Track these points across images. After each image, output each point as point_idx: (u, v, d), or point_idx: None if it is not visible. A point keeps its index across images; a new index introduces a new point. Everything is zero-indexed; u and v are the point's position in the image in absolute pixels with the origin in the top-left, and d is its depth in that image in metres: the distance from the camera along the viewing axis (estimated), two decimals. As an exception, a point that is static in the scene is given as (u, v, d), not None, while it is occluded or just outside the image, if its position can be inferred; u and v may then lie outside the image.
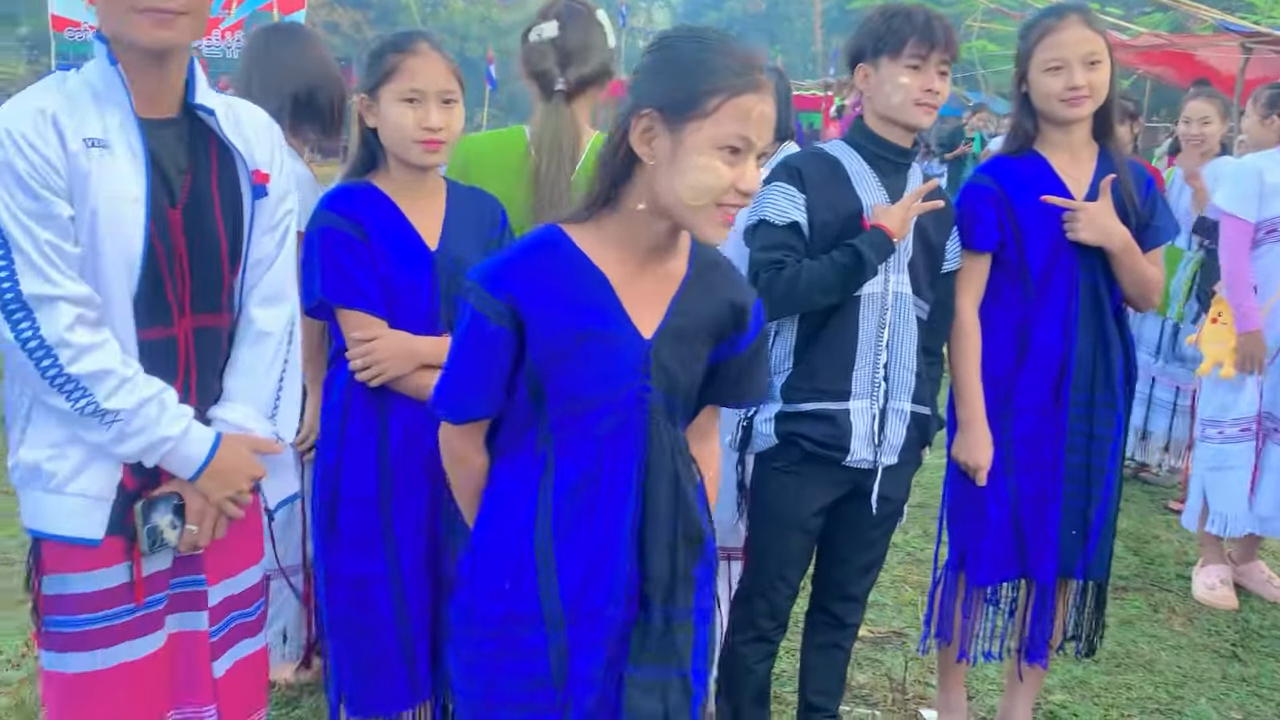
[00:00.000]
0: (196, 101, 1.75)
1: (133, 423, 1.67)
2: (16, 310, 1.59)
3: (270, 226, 1.87)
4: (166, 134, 1.73)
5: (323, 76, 2.70)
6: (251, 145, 1.83)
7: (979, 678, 3.18)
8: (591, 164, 2.33)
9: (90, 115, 1.65)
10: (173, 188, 1.73)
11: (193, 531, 1.78)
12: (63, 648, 1.73)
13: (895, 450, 2.38)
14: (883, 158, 2.34)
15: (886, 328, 2.33)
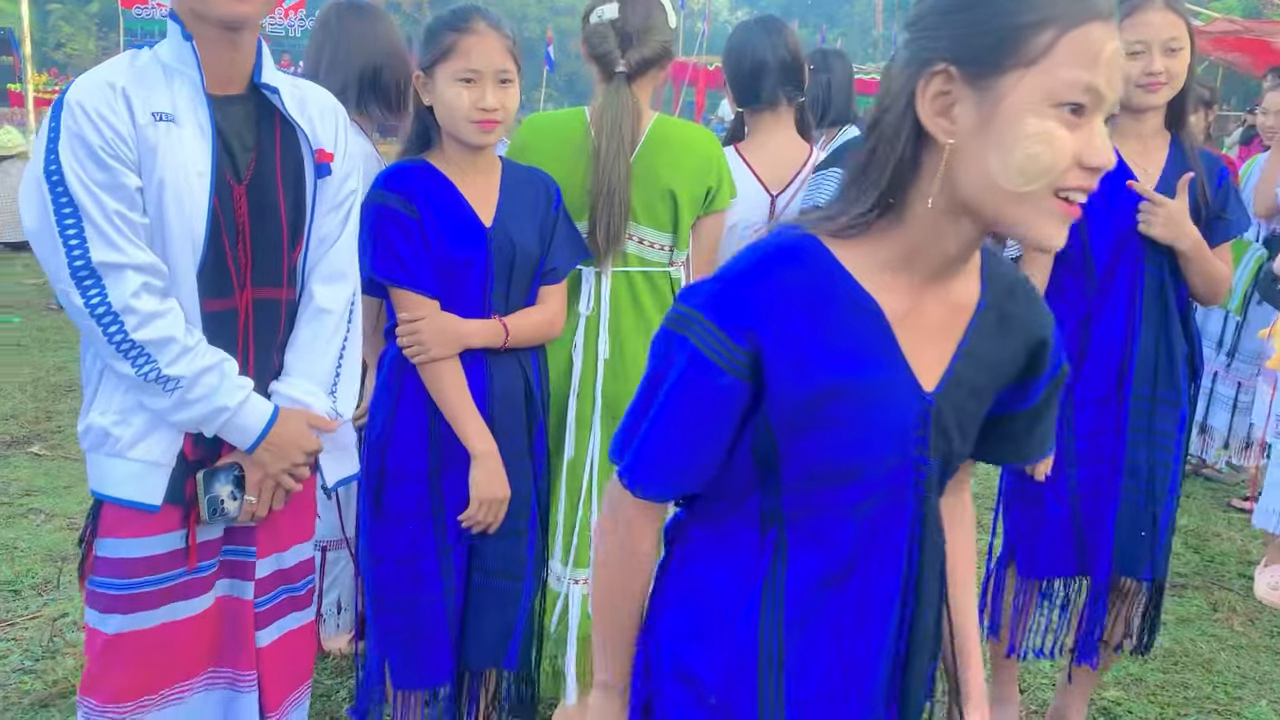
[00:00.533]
0: (262, 80, 1.78)
1: (193, 390, 1.70)
2: (87, 277, 1.64)
3: (334, 205, 1.90)
4: (234, 111, 1.76)
5: (390, 55, 2.71)
6: (315, 125, 1.86)
7: (1031, 671, 3.14)
8: (652, 146, 2.36)
9: (159, 90, 1.69)
10: (238, 164, 1.76)
11: (251, 502, 1.82)
12: (107, 609, 1.78)
13: None
14: None
15: None
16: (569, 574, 2.50)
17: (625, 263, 2.39)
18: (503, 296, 2.14)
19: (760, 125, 2.64)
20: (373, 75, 2.68)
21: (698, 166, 2.38)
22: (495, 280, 2.13)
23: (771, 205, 2.57)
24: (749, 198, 2.52)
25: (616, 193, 2.29)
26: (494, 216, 2.14)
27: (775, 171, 2.58)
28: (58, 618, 3.13)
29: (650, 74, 2.39)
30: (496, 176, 2.19)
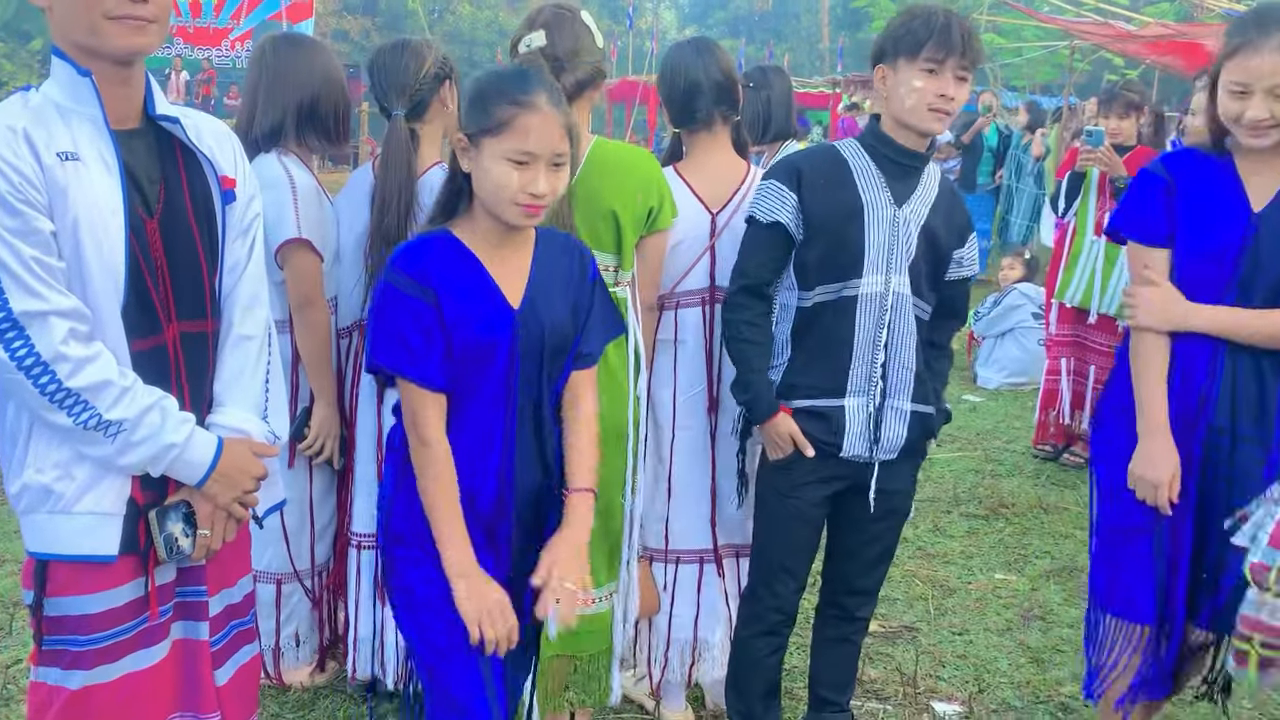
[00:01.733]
0: (158, 112, 1.76)
1: (136, 432, 1.68)
2: (9, 329, 1.59)
3: (241, 231, 1.89)
4: (136, 145, 1.74)
5: (326, 84, 2.72)
6: (215, 152, 1.84)
7: (990, 670, 3.18)
8: (593, 169, 2.38)
9: (58, 129, 1.64)
10: (148, 198, 1.74)
11: (206, 536, 1.80)
12: (69, 665, 1.74)
13: (894, 448, 2.39)
14: (892, 160, 2.32)
15: (886, 328, 2.33)
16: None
17: None
18: (532, 380, 1.94)
19: (697, 145, 2.67)
20: (310, 106, 2.70)
21: (638, 187, 2.41)
22: (521, 364, 1.93)
23: (712, 223, 2.60)
24: (690, 216, 2.56)
25: (560, 218, 2.31)
26: (523, 296, 1.92)
27: (714, 190, 2.62)
28: (10, 664, 3.08)
29: (585, 95, 2.42)
30: (529, 250, 1.97)
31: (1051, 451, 5.26)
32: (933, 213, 2.36)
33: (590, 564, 2.50)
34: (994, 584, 3.82)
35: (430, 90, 2.64)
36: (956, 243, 2.42)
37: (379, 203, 2.61)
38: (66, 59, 1.66)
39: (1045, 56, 16.76)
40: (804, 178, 2.33)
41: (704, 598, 2.73)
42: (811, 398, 2.36)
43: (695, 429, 2.66)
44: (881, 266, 2.31)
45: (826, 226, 2.32)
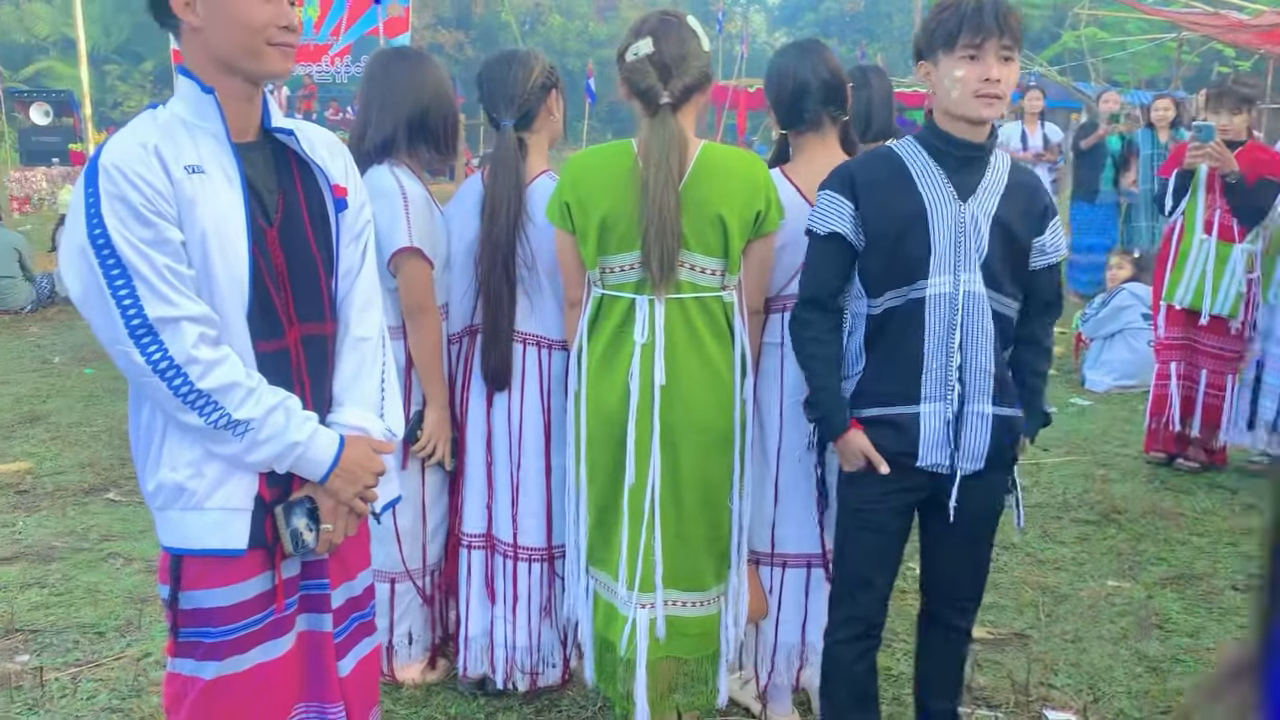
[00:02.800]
0: (274, 125, 1.85)
1: (263, 430, 1.75)
2: (145, 334, 1.67)
3: (354, 237, 1.97)
4: (254, 157, 1.83)
5: (436, 98, 2.79)
6: (328, 163, 1.92)
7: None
8: (701, 174, 2.40)
9: (185, 144, 1.73)
10: (267, 207, 1.82)
11: (329, 530, 1.87)
12: (203, 656, 1.82)
13: (979, 456, 2.30)
14: (951, 154, 2.26)
15: (959, 329, 2.26)
16: (635, 598, 2.53)
17: (679, 289, 2.43)
18: None
19: (805, 146, 2.66)
20: (421, 118, 2.77)
21: (746, 191, 2.42)
22: None
23: None
24: (797, 219, 2.55)
25: (668, 222, 2.33)
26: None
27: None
28: (141, 657, 3.22)
29: (693, 100, 2.44)
30: None
31: (1164, 458, 5.09)
32: (1004, 202, 2.28)
33: (699, 566, 2.54)
34: (1107, 591, 3.72)
35: (537, 100, 2.70)
36: (1036, 230, 2.33)
37: (489, 211, 2.67)
38: (192, 77, 1.76)
39: (1151, 50, 16.22)
40: (859, 184, 2.29)
41: (811, 601, 2.72)
42: (884, 405, 2.31)
43: (802, 432, 2.65)
44: (949, 266, 2.25)
45: (888, 231, 2.27)
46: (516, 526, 2.83)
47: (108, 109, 32.18)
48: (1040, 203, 2.35)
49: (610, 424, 2.50)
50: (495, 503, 2.86)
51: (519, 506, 2.83)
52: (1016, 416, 2.34)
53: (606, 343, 2.50)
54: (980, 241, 2.25)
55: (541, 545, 2.84)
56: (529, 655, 2.89)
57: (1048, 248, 2.36)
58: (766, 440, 2.66)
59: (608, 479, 2.54)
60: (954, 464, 2.29)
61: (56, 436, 5.67)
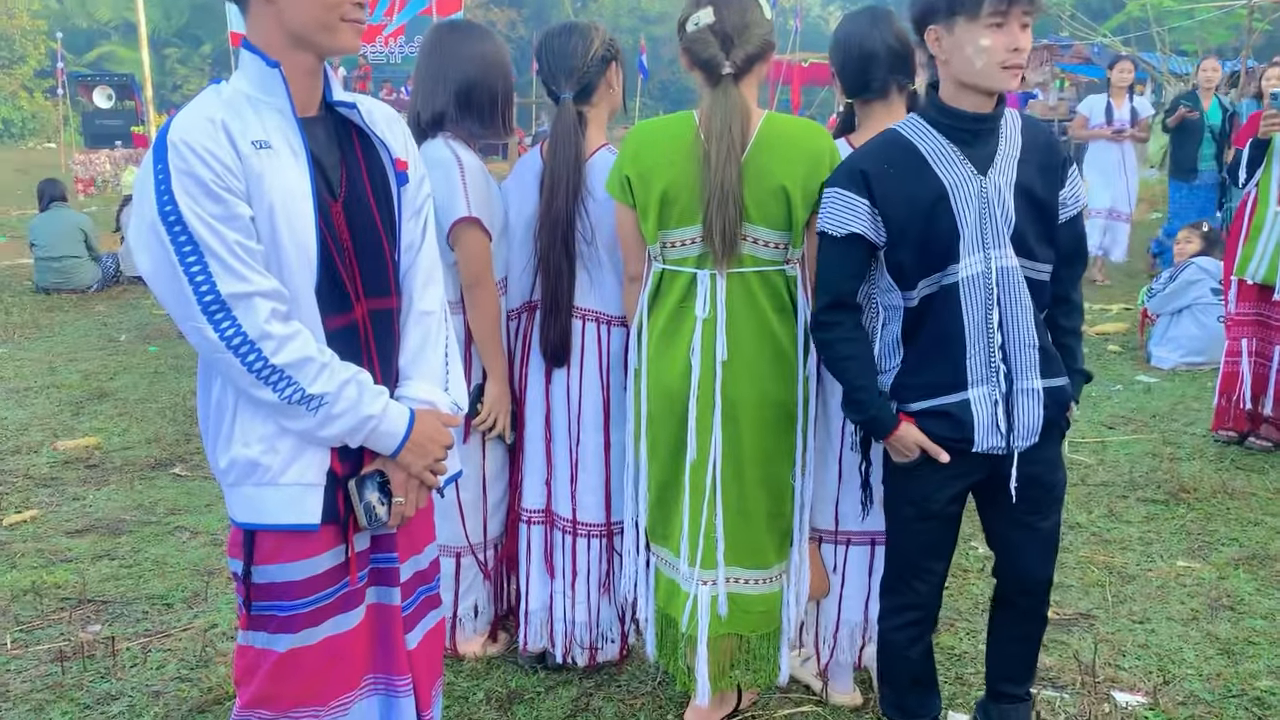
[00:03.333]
0: (336, 99, 1.85)
1: (337, 405, 1.76)
2: (218, 310, 1.67)
3: (415, 211, 1.96)
4: (318, 132, 1.82)
5: (484, 71, 2.73)
6: (388, 136, 1.91)
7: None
8: (763, 144, 2.36)
9: (250, 119, 1.73)
10: (331, 182, 1.82)
11: (401, 503, 1.88)
12: (276, 629, 1.84)
13: (1033, 431, 2.25)
14: (962, 129, 2.17)
15: (997, 307, 2.19)
16: (697, 575, 2.51)
17: (740, 263, 2.40)
18: None
19: (871, 115, 2.60)
20: (466, 92, 2.71)
21: (809, 163, 2.37)
22: None
23: None
24: None
25: (730, 195, 2.30)
26: None
27: None
28: (208, 629, 3.28)
29: (756, 69, 2.39)
30: None
31: (1235, 436, 4.96)
32: (1023, 166, 2.20)
33: (761, 543, 2.52)
34: (1176, 571, 3.64)
35: (597, 72, 2.67)
36: (1057, 184, 2.25)
37: (548, 185, 2.66)
38: (257, 52, 1.75)
39: (1220, 18, 15.74)
40: (871, 178, 2.19)
41: (874, 579, 2.69)
42: (930, 397, 2.24)
43: None
44: (978, 245, 2.17)
45: (912, 221, 2.18)
46: (575, 502, 2.83)
47: (168, 92, 32.73)
48: (1058, 155, 2.26)
49: (671, 400, 2.48)
50: (554, 478, 2.86)
51: (578, 483, 2.82)
52: (1064, 386, 2.29)
53: (668, 318, 2.48)
54: (1006, 213, 2.18)
55: (600, 521, 2.83)
56: (588, 631, 2.89)
57: (1067, 200, 2.29)
58: (830, 418, 2.62)
59: (669, 455, 2.53)
60: (1010, 444, 2.24)
61: (123, 413, 5.79)
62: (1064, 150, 2.30)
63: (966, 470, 2.29)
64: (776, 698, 2.86)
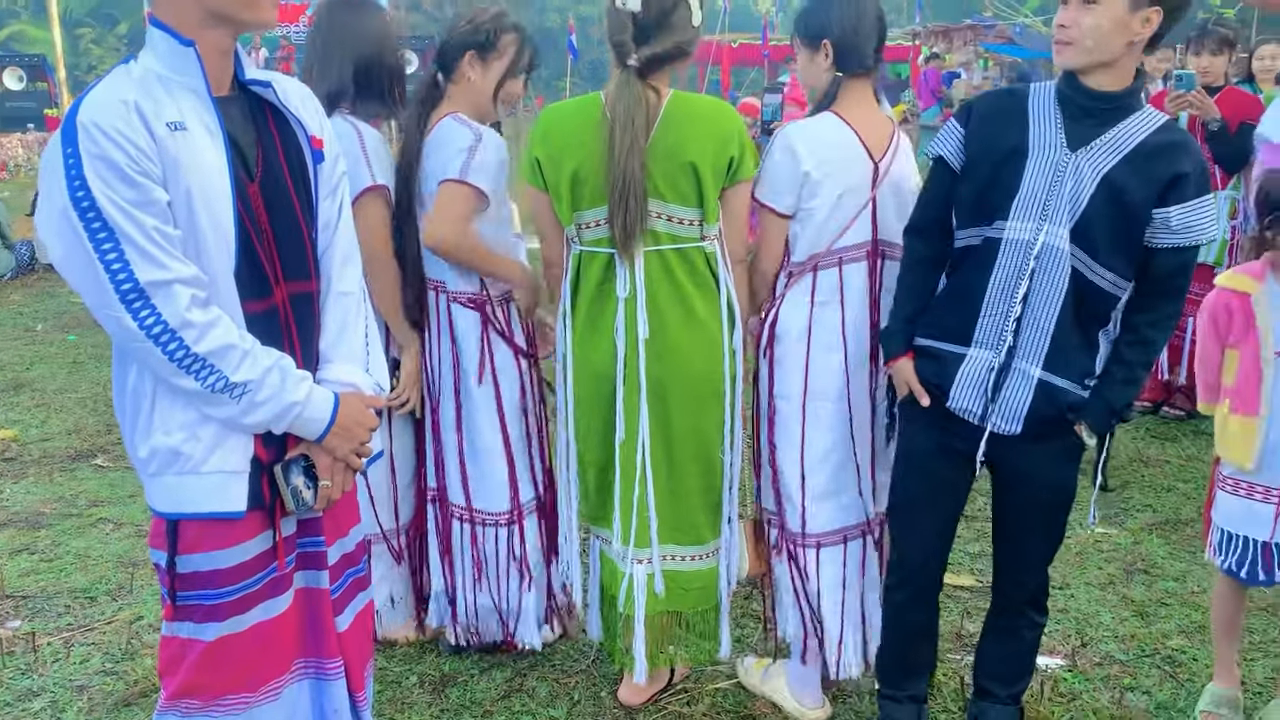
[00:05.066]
0: (249, 77, 1.80)
1: (261, 392, 1.73)
2: (136, 299, 1.62)
3: (331, 190, 1.93)
4: (233, 111, 1.77)
5: (381, 48, 2.70)
6: (303, 114, 1.88)
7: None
8: (671, 122, 2.35)
9: (164, 100, 1.67)
10: (248, 162, 1.77)
11: (327, 487, 1.86)
12: (203, 618, 1.81)
13: (1015, 417, 2.20)
14: (1077, 103, 2.13)
15: (1027, 279, 2.15)
16: (631, 553, 2.53)
17: (657, 241, 2.41)
18: None
19: (855, 90, 2.49)
20: (365, 69, 2.67)
21: (717, 139, 2.38)
22: None
23: (875, 171, 2.48)
24: (856, 165, 2.45)
25: (632, 185, 2.31)
26: None
27: (875, 137, 2.49)
28: (133, 621, 3.22)
29: (665, 68, 2.39)
30: None
31: (1149, 406, 5.12)
32: (1125, 163, 2.09)
33: (695, 520, 2.54)
34: (1094, 538, 3.76)
35: (453, 55, 2.66)
36: (1155, 199, 2.08)
37: (401, 148, 2.70)
38: (166, 29, 1.70)
39: None
40: (975, 112, 2.25)
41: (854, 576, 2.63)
42: (936, 338, 2.28)
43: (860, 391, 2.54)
44: (1033, 212, 2.13)
45: (983, 161, 2.20)
46: (444, 480, 2.83)
47: (82, 73, 31.71)
48: (1171, 169, 2.08)
49: (600, 381, 2.50)
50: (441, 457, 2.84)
51: (444, 460, 2.82)
52: (1069, 390, 2.19)
53: (590, 300, 2.49)
54: (1079, 195, 2.11)
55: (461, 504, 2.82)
56: (494, 616, 2.86)
57: (1173, 224, 2.10)
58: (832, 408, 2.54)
59: (602, 437, 2.54)
60: (986, 416, 2.23)
61: (42, 404, 5.63)
62: (1186, 167, 2.09)
63: (947, 426, 2.28)
64: (709, 671, 2.89)
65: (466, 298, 2.70)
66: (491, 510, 2.80)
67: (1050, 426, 2.21)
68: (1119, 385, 2.19)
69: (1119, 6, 2.04)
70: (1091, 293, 2.15)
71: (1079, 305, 2.16)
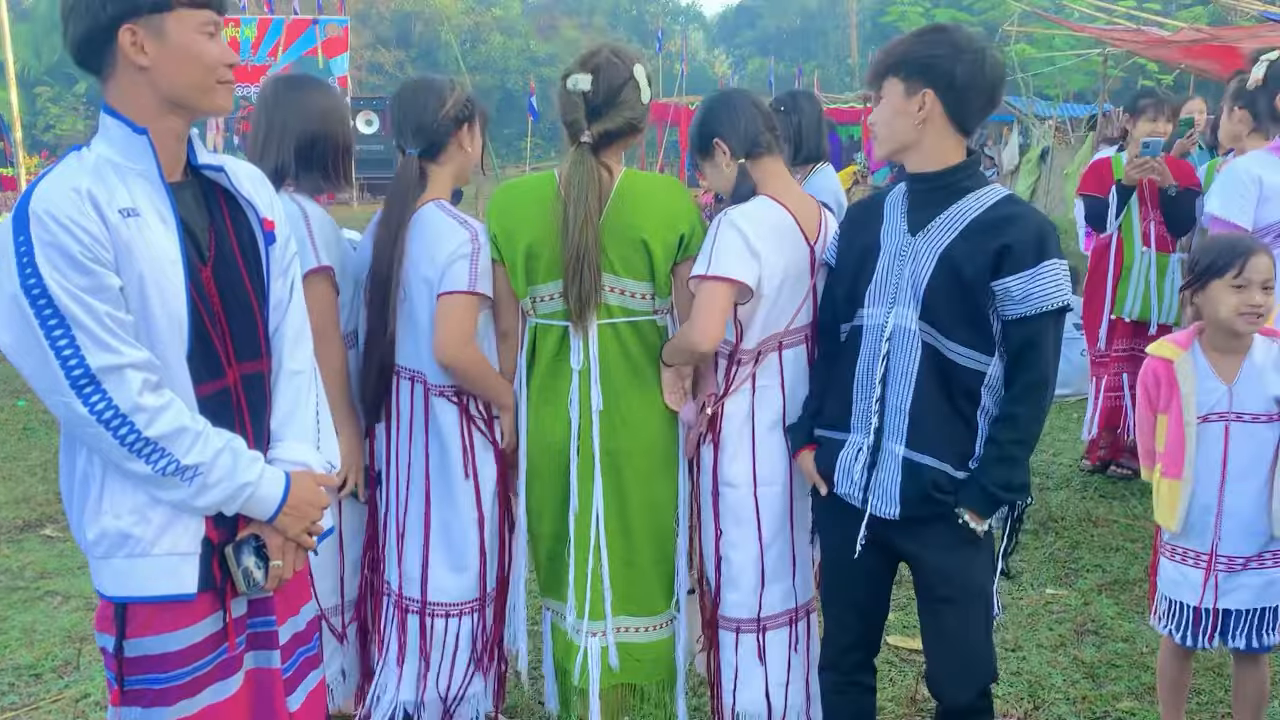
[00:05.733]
0: (202, 162, 1.84)
1: (212, 474, 1.74)
2: (87, 384, 1.63)
3: (283, 270, 1.96)
4: (185, 196, 1.81)
5: (324, 125, 2.64)
6: (254, 196, 1.91)
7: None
8: (624, 199, 2.41)
9: (117, 187, 1.70)
10: (201, 246, 1.81)
11: (278, 567, 1.86)
12: (151, 703, 1.79)
13: (891, 498, 2.21)
14: (916, 189, 2.25)
15: (883, 361, 2.22)
16: (586, 626, 2.54)
17: (610, 314, 2.46)
18: None
19: (769, 172, 2.51)
20: (309, 145, 2.62)
21: (668, 215, 2.44)
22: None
23: (811, 256, 2.49)
24: (796, 249, 2.46)
25: (586, 258, 2.36)
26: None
27: (807, 221, 2.50)
28: (80, 699, 3.16)
29: (616, 144, 2.45)
30: None
31: (1098, 465, 5.22)
32: (960, 238, 2.14)
33: (649, 590, 2.56)
34: (1045, 599, 3.81)
35: (446, 132, 2.58)
36: (989, 272, 2.10)
37: (376, 241, 2.58)
38: (120, 117, 1.74)
39: (1078, 65, 16.63)
40: (849, 218, 2.43)
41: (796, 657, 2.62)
42: (824, 427, 2.39)
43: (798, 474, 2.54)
44: (884, 297, 2.23)
45: (849, 259, 2.34)
46: (402, 573, 2.67)
47: (39, 132, 31.55)
48: (999, 240, 2.10)
49: (555, 453, 2.52)
50: (386, 550, 2.72)
51: (404, 552, 2.67)
52: (935, 469, 2.17)
53: (544, 372, 2.52)
54: (919, 275, 2.17)
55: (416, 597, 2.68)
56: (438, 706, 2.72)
57: (1014, 294, 2.10)
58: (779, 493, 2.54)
59: (557, 510, 2.55)
60: (865, 499, 2.26)
61: (-11, 472, 5.54)
62: (1015, 236, 2.11)
63: (851, 517, 2.29)
64: (665, 742, 2.88)
65: (450, 390, 2.59)
66: (456, 601, 2.67)
67: (929, 508, 2.19)
68: (993, 464, 2.16)
69: (896, 95, 2.19)
70: (951, 370, 2.17)
71: (943, 383, 2.18)
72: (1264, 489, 2.52)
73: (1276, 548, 2.56)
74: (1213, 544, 2.56)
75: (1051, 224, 2.23)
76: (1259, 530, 2.54)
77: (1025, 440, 2.18)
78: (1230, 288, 2.49)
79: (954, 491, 2.18)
